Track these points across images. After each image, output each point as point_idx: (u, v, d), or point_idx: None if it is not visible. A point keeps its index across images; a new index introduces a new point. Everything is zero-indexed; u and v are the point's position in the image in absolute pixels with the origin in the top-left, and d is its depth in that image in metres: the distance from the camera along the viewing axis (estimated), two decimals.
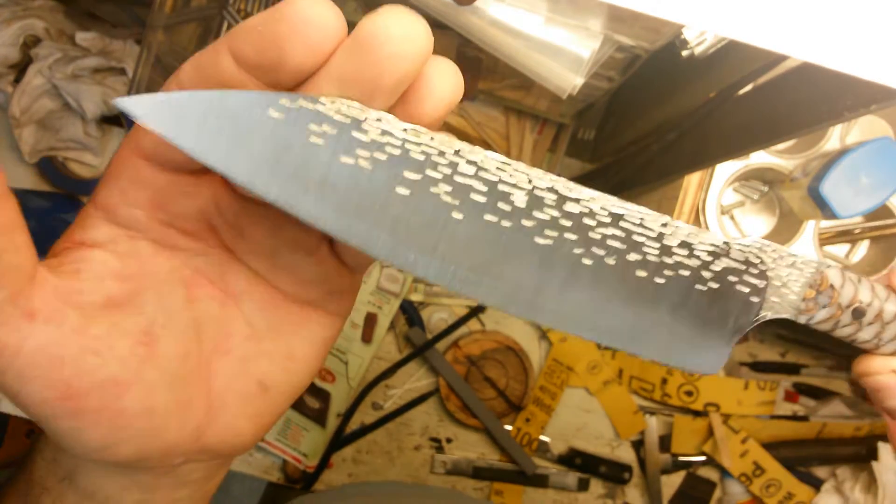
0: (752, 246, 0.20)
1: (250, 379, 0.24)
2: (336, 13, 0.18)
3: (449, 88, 0.20)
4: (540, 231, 0.19)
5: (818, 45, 0.22)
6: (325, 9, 0.17)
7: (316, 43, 0.18)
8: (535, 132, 0.75)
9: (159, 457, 0.22)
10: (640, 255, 0.19)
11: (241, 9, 0.72)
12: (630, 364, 0.79)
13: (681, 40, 0.42)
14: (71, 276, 0.19)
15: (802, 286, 0.21)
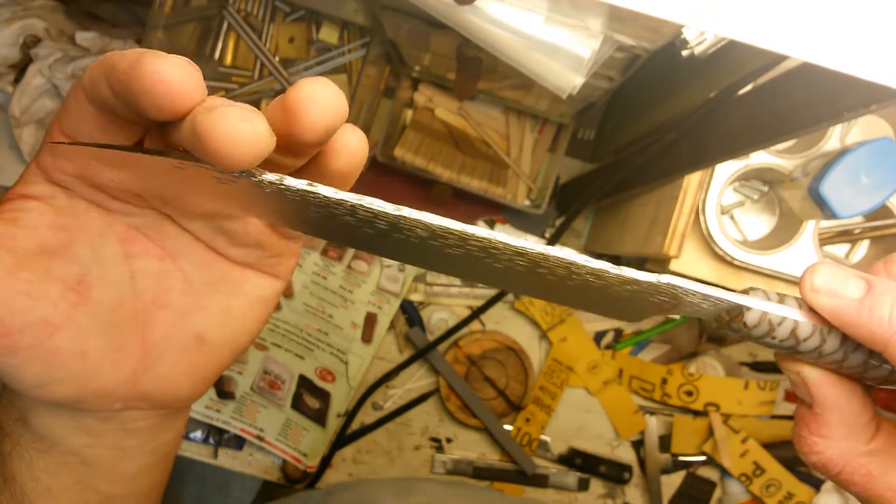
0: (661, 282, 0.22)
1: (187, 332, 0.25)
2: (189, 73, 0.19)
3: (358, 151, 0.23)
4: (447, 247, 0.21)
5: (818, 45, 0.22)
6: (180, 71, 0.19)
7: (170, 104, 0.19)
8: (535, 132, 0.75)
9: (96, 399, 0.24)
10: (546, 269, 0.22)
11: (241, 9, 0.72)
12: (630, 364, 0.79)
13: (681, 40, 0.42)
14: (7, 223, 0.21)
15: (717, 312, 0.23)
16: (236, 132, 0.17)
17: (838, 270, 0.22)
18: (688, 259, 0.56)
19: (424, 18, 0.49)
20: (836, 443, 0.24)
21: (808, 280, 0.22)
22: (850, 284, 0.22)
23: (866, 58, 0.22)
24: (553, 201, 0.78)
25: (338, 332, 0.76)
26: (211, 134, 0.18)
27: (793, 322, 0.22)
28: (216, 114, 0.18)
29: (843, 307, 0.22)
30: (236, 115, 0.18)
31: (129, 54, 0.19)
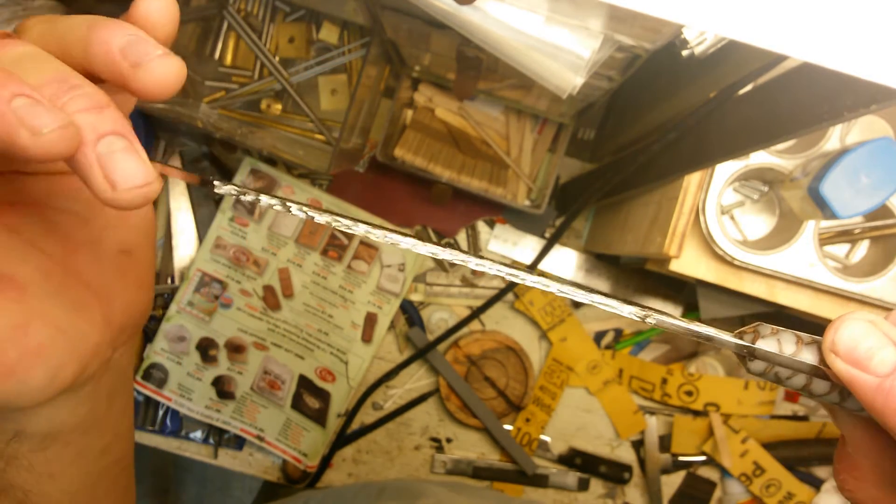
0: (649, 321, 0.21)
1: (111, 252, 0.26)
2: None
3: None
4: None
5: (818, 45, 0.22)
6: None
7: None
8: (535, 132, 0.75)
9: (96, 359, 0.24)
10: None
11: (241, 9, 0.72)
12: (630, 364, 0.79)
13: (681, 40, 0.42)
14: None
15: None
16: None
17: (869, 333, 0.19)
18: (688, 259, 0.56)
19: (424, 18, 0.49)
20: (867, 486, 0.22)
21: (830, 335, 0.19)
22: (879, 355, 0.19)
23: (866, 58, 0.22)
24: (553, 201, 0.78)
25: (338, 332, 0.76)
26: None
27: (804, 378, 0.20)
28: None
29: (861, 381, 0.19)
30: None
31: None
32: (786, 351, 0.20)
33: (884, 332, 0.19)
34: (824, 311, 0.57)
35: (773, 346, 0.20)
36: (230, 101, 0.73)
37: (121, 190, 0.18)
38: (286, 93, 0.73)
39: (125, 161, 0.18)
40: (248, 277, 0.76)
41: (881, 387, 0.18)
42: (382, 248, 0.77)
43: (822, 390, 0.20)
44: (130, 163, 0.18)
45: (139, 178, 0.18)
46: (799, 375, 0.20)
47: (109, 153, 0.17)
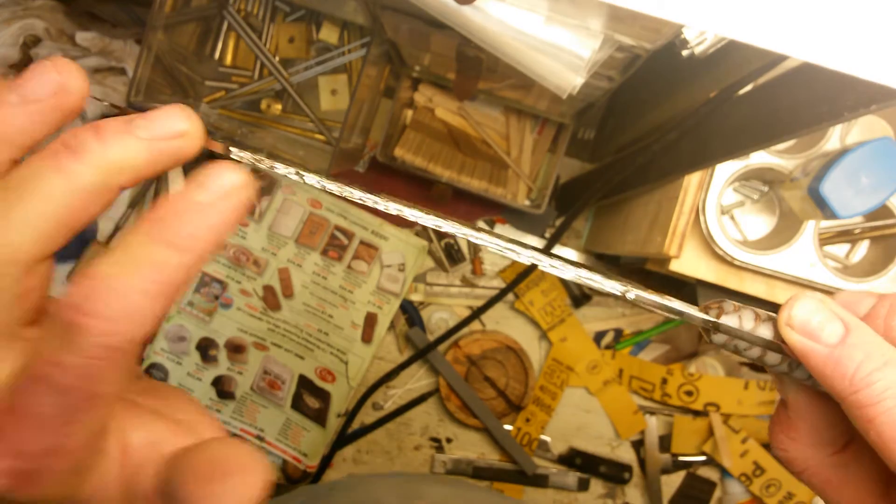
0: (628, 297, 0.23)
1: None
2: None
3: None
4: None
5: (818, 45, 0.22)
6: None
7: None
8: (535, 132, 0.75)
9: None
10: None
11: (241, 9, 0.72)
12: (630, 364, 0.79)
13: (681, 40, 0.42)
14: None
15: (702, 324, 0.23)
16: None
17: (820, 309, 0.21)
18: (688, 259, 0.56)
19: (424, 18, 0.49)
20: (801, 446, 0.25)
21: (786, 311, 0.22)
22: (828, 328, 0.21)
23: (867, 58, 0.22)
24: (553, 201, 0.78)
25: (338, 332, 0.76)
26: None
27: (759, 350, 0.22)
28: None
29: (812, 350, 0.21)
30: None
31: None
32: (745, 326, 0.22)
33: (831, 309, 0.22)
34: None
35: (735, 322, 0.22)
36: (230, 101, 0.73)
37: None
38: (286, 93, 0.73)
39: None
40: (248, 277, 0.76)
41: (831, 355, 0.21)
42: (382, 249, 0.77)
43: (774, 361, 0.23)
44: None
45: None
46: (755, 348, 0.22)
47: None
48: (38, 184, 0.18)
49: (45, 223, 0.18)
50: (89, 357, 0.17)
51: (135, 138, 0.19)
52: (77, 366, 0.17)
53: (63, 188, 0.19)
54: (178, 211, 0.19)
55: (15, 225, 0.18)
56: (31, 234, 0.18)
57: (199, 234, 0.19)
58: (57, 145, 0.19)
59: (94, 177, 0.19)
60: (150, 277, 0.18)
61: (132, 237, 0.18)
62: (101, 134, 0.19)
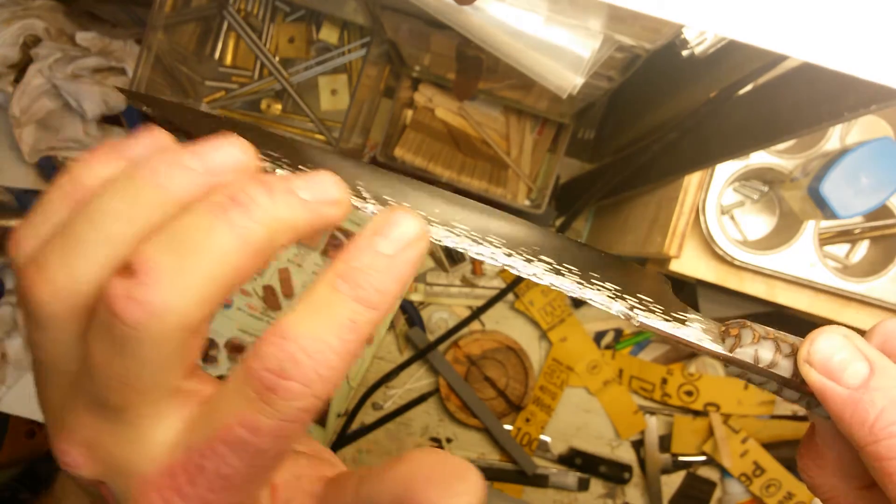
0: (635, 322, 0.22)
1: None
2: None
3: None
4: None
5: (818, 45, 0.22)
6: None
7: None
8: (535, 132, 0.75)
9: None
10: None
11: (241, 9, 0.72)
12: (630, 364, 0.79)
13: (681, 40, 0.42)
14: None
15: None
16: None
17: (843, 346, 0.20)
18: (688, 259, 0.56)
19: (424, 18, 0.49)
20: (828, 475, 0.23)
21: (806, 346, 0.20)
22: (851, 368, 0.19)
23: (867, 58, 0.22)
24: (553, 201, 0.78)
25: None
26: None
27: (776, 386, 0.21)
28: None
29: (831, 391, 0.20)
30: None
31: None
32: (763, 357, 0.21)
33: (857, 347, 0.20)
34: (824, 311, 0.57)
35: (750, 355, 0.21)
36: (230, 101, 0.73)
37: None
38: (286, 93, 0.73)
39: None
40: None
41: (850, 398, 0.19)
42: None
43: (792, 398, 0.21)
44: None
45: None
46: (770, 383, 0.21)
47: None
48: (209, 241, 0.17)
49: (215, 285, 0.17)
50: (284, 419, 0.17)
51: (298, 199, 0.19)
52: (272, 429, 0.17)
53: (234, 246, 0.17)
54: (367, 265, 0.18)
55: (186, 287, 0.17)
56: (202, 296, 0.17)
57: (388, 289, 0.18)
58: (224, 199, 0.18)
59: (264, 234, 0.18)
60: (344, 337, 0.17)
61: (322, 291, 0.18)
62: (271, 190, 0.18)
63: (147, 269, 0.16)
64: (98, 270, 0.17)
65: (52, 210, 0.19)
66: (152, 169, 0.18)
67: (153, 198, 0.18)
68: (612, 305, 0.21)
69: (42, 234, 0.19)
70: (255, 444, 0.17)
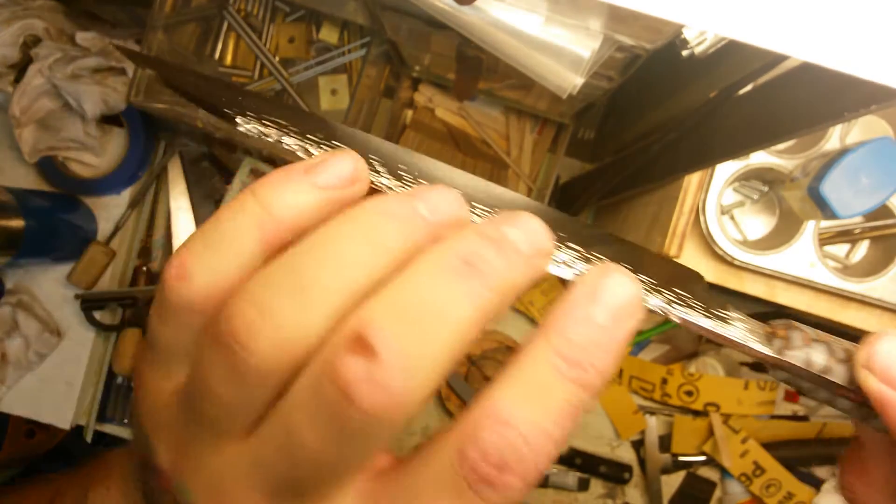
0: (673, 319, 0.20)
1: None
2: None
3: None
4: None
5: (818, 45, 0.22)
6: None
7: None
8: (535, 132, 0.75)
9: None
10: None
11: (241, 9, 0.72)
12: (630, 364, 0.79)
13: (681, 40, 0.42)
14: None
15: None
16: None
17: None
18: (688, 259, 0.56)
19: (424, 18, 0.49)
20: (874, 493, 0.22)
21: (865, 350, 0.18)
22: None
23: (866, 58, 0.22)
24: (553, 201, 0.78)
25: None
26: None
27: (826, 394, 0.19)
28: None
29: (892, 402, 0.18)
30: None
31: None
32: (816, 362, 0.19)
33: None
34: (824, 311, 0.57)
35: (801, 359, 0.19)
36: None
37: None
38: (286, 93, 0.73)
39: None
40: None
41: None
42: None
43: (845, 407, 0.20)
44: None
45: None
46: (821, 392, 0.20)
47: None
48: (448, 311, 0.15)
49: (450, 359, 0.15)
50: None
51: (523, 257, 0.17)
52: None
53: (472, 317, 0.15)
54: (585, 339, 0.16)
55: (428, 367, 0.15)
56: (440, 373, 0.15)
57: (608, 369, 0.16)
58: (458, 261, 0.15)
59: (498, 301, 0.16)
60: (563, 424, 0.15)
61: (541, 371, 0.16)
62: (503, 251, 0.16)
63: (388, 346, 0.14)
64: (326, 324, 0.15)
65: (238, 240, 0.17)
66: (387, 212, 0.16)
67: (387, 247, 0.16)
68: (648, 299, 0.19)
69: (226, 268, 0.16)
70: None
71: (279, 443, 0.15)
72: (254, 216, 0.17)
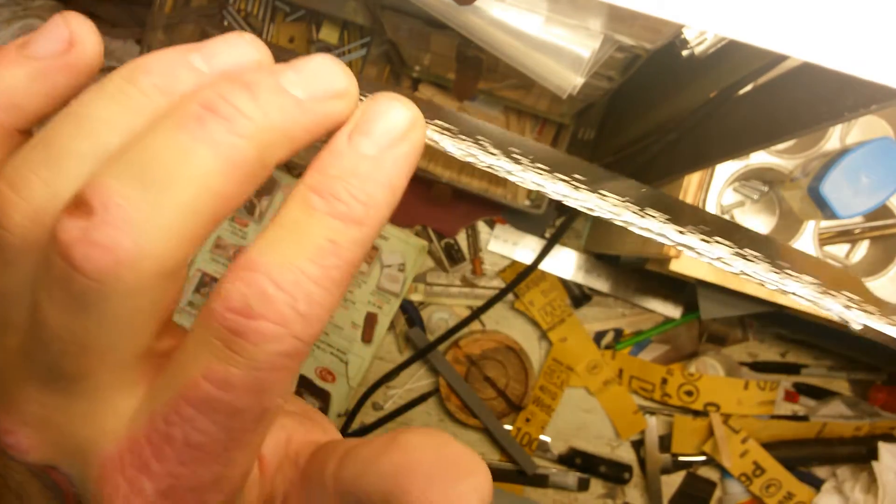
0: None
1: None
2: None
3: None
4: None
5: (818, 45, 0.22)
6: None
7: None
8: (535, 132, 0.75)
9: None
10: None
11: (241, 9, 0.72)
12: (630, 364, 0.79)
13: (681, 40, 0.42)
14: None
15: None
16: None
17: None
18: (688, 259, 0.56)
19: (424, 18, 0.49)
20: None
21: None
22: None
23: (867, 58, 0.22)
24: (553, 201, 0.78)
25: (338, 332, 0.76)
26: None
27: None
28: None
29: None
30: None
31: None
32: None
33: None
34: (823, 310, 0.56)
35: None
36: None
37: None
38: None
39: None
40: None
41: None
42: (382, 249, 0.77)
43: None
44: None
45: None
46: None
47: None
48: (185, 165, 0.14)
49: (197, 219, 0.14)
50: (259, 368, 0.14)
51: (292, 98, 0.15)
52: (246, 382, 0.14)
53: (217, 168, 0.14)
54: (344, 171, 0.15)
55: (162, 225, 0.13)
56: (180, 233, 0.14)
57: (375, 198, 0.15)
58: (198, 109, 0.14)
59: (252, 151, 0.14)
60: (324, 263, 0.14)
61: (292, 210, 0.15)
62: (256, 93, 0.14)
63: (109, 203, 0.13)
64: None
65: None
66: (144, 67, 0.15)
67: (147, 104, 0.14)
68: (822, 302, 0.17)
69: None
70: (228, 402, 0.14)
71: (34, 328, 0.14)
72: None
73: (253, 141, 0.14)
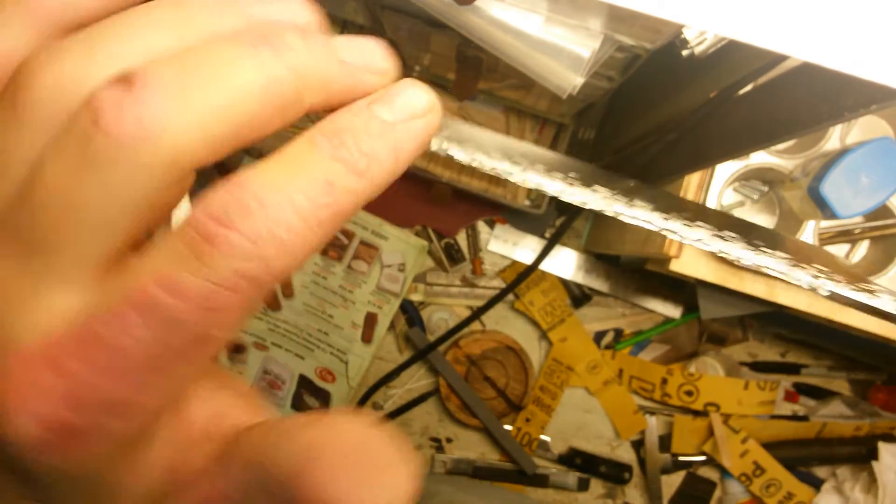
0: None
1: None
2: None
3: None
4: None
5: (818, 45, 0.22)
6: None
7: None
8: (535, 132, 0.75)
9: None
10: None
11: None
12: (630, 364, 0.79)
13: (681, 40, 0.42)
14: None
15: None
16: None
17: None
18: (688, 259, 0.56)
19: (424, 18, 0.49)
20: None
21: None
22: None
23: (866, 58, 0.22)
24: (553, 201, 0.78)
25: (338, 332, 0.76)
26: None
27: None
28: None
29: None
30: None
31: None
32: None
33: None
34: (823, 311, 0.57)
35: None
36: None
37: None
38: None
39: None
40: None
41: None
42: (382, 249, 0.77)
43: None
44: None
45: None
46: None
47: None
48: (229, 70, 0.14)
49: (224, 123, 0.14)
50: (217, 282, 0.13)
51: (336, 57, 0.16)
52: (198, 292, 0.13)
53: (256, 83, 0.14)
54: (358, 126, 0.15)
55: (192, 119, 0.13)
56: (204, 133, 0.14)
57: (379, 155, 0.15)
58: (251, 36, 0.14)
59: (291, 82, 0.15)
60: (314, 198, 0.14)
61: (295, 146, 0.15)
62: (307, 39, 0.15)
63: (148, 80, 0.13)
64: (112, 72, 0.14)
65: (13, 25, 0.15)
66: (203, 3, 0.15)
67: (200, 24, 0.15)
68: (790, 272, 0.19)
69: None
70: (171, 311, 0.13)
71: (21, 185, 0.14)
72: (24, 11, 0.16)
73: (295, 73, 0.15)
